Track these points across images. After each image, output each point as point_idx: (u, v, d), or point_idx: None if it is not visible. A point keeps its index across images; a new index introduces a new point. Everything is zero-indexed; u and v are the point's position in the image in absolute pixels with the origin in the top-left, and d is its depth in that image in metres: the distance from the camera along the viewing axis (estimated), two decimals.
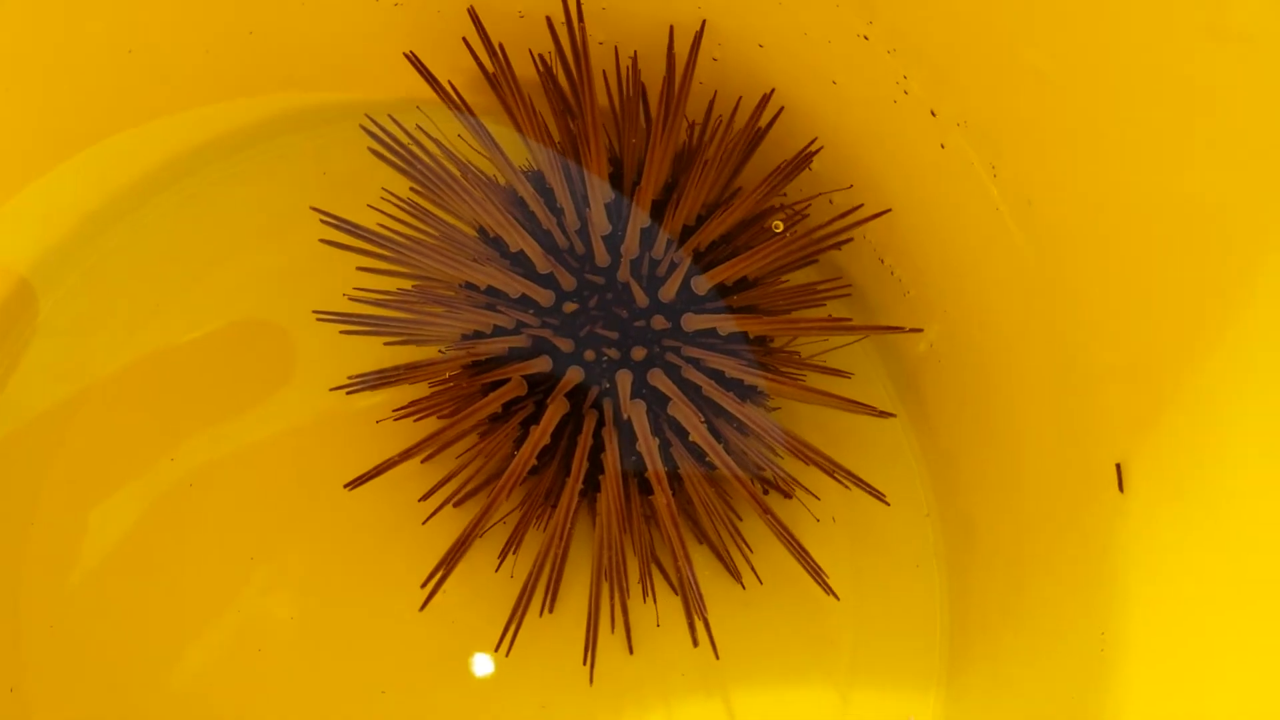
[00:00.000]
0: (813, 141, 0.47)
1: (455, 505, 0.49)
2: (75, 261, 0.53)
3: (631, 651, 0.50)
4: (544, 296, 0.44)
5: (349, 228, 0.46)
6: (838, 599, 0.50)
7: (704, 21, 0.46)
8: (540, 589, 0.48)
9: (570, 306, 0.44)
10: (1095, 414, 0.41)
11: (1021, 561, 0.47)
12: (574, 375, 0.44)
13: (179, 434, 0.52)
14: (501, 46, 0.46)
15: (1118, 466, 0.40)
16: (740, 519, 0.50)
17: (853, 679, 0.50)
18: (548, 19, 0.47)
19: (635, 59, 0.46)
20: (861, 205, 0.47)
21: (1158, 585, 0.39)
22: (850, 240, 0.49)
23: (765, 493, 0.49)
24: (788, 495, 0.50)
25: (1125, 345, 0.40)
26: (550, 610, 0.50)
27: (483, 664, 0.50)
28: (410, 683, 0.50)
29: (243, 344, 0.53)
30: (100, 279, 0.53)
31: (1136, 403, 0.40)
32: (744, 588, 0.50)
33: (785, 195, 0.50)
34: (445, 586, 0.48)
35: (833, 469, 0.46)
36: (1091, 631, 0.41)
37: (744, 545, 0.49)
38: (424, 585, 0.47)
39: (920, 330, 0.49)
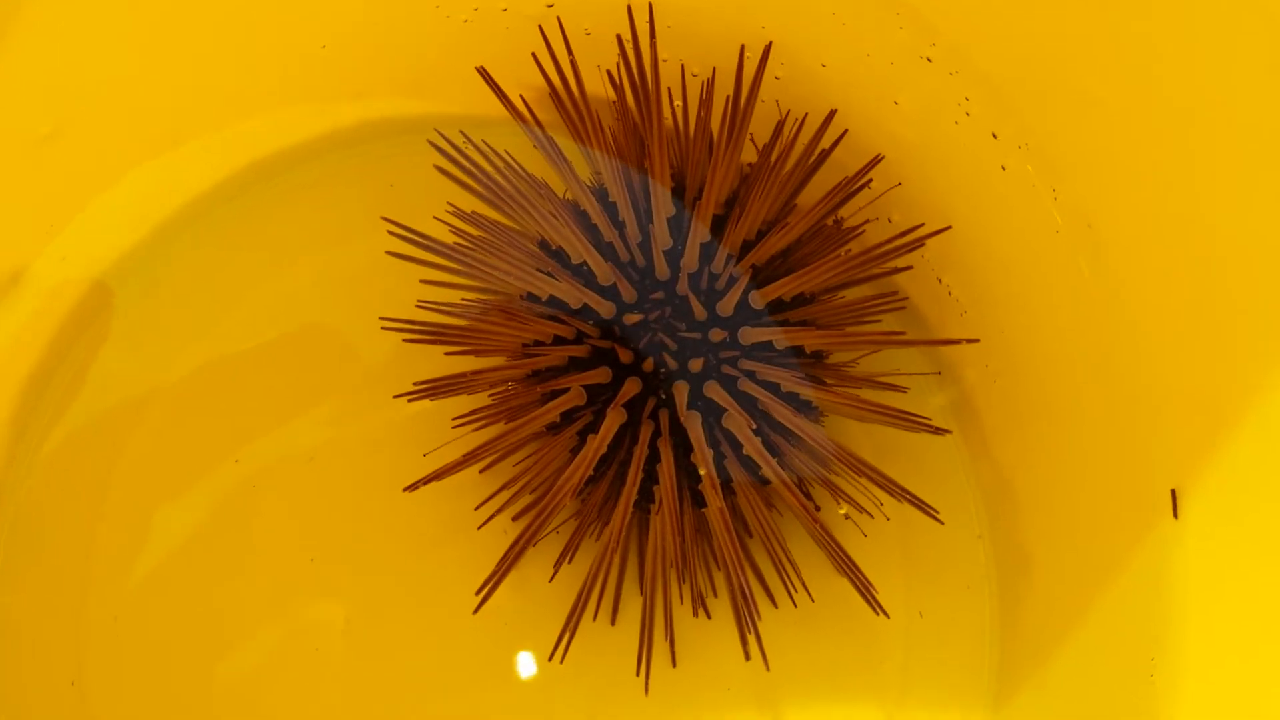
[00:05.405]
0: (876, 159, 0.48)
1: (514, 520, 0.50)
2: (148, 267, 0.54)
3: (675, 664, 0.50)
4: (605, 308, 0.45)
5: (417, 238, 0.47)
6: (888, 617, 0.50)
7: (770, 43, 0.47)
8: (593, 598, 0.49)
9: (630, 318, 0.45)
10: (1151, 439, 0.41)
11: (1073, 585, 0.47)
12: (632, 386, 0.45)
13: (244, 437, 0.53)
14: (572, 62, 0.47)
15: (1172, 492, 0.40)
16: (784, 541, 0.50)
17: (902, 698, 0.50)
18: (618, 37, 0.47)
19: (713, 80, 0.47)
20: (921, 225, 0.47)
21: (1209, 613, 0.39)
22: (910, 268, 0.49)
23: (817, 509, 0.49)
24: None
25: (1182, 371, 0.40)
26: (613, 623, 0.50)
27: (533, 670, 0.51)
28: (461, 687, 0.51)
29: (306, 350, 0.54)
30: (172, 284, 0.55)
31: (1193, 429, 0.39)
32: (795, 605, 0.50)
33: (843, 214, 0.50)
34: (499, 596, 0.48)
35: (886, 483, 0.46)
36: (1141, 658, 0.41)
37: (793, 563, 0.50)
38: (478, 591, 0.48)
39: (976, 340, 0.49)
